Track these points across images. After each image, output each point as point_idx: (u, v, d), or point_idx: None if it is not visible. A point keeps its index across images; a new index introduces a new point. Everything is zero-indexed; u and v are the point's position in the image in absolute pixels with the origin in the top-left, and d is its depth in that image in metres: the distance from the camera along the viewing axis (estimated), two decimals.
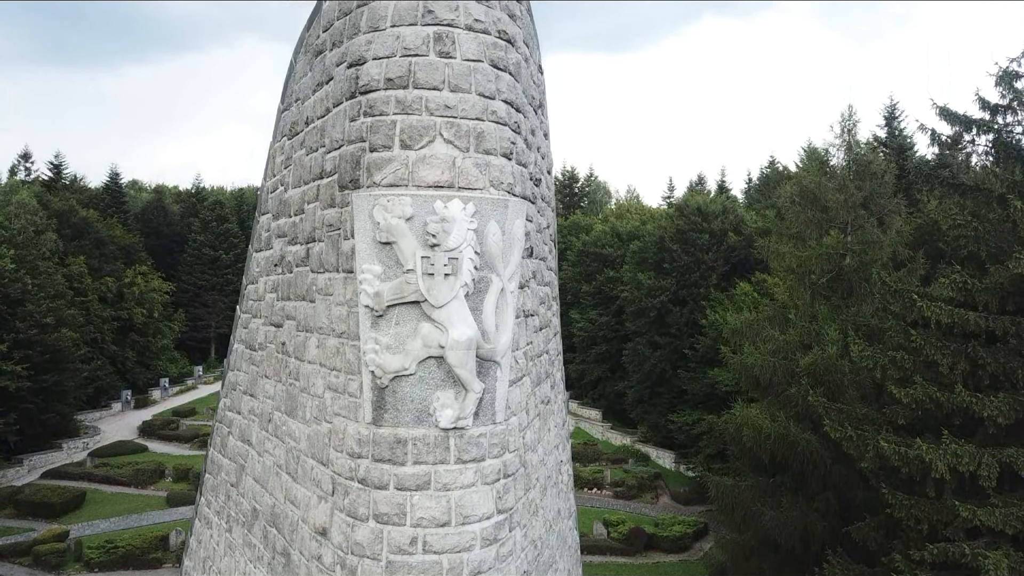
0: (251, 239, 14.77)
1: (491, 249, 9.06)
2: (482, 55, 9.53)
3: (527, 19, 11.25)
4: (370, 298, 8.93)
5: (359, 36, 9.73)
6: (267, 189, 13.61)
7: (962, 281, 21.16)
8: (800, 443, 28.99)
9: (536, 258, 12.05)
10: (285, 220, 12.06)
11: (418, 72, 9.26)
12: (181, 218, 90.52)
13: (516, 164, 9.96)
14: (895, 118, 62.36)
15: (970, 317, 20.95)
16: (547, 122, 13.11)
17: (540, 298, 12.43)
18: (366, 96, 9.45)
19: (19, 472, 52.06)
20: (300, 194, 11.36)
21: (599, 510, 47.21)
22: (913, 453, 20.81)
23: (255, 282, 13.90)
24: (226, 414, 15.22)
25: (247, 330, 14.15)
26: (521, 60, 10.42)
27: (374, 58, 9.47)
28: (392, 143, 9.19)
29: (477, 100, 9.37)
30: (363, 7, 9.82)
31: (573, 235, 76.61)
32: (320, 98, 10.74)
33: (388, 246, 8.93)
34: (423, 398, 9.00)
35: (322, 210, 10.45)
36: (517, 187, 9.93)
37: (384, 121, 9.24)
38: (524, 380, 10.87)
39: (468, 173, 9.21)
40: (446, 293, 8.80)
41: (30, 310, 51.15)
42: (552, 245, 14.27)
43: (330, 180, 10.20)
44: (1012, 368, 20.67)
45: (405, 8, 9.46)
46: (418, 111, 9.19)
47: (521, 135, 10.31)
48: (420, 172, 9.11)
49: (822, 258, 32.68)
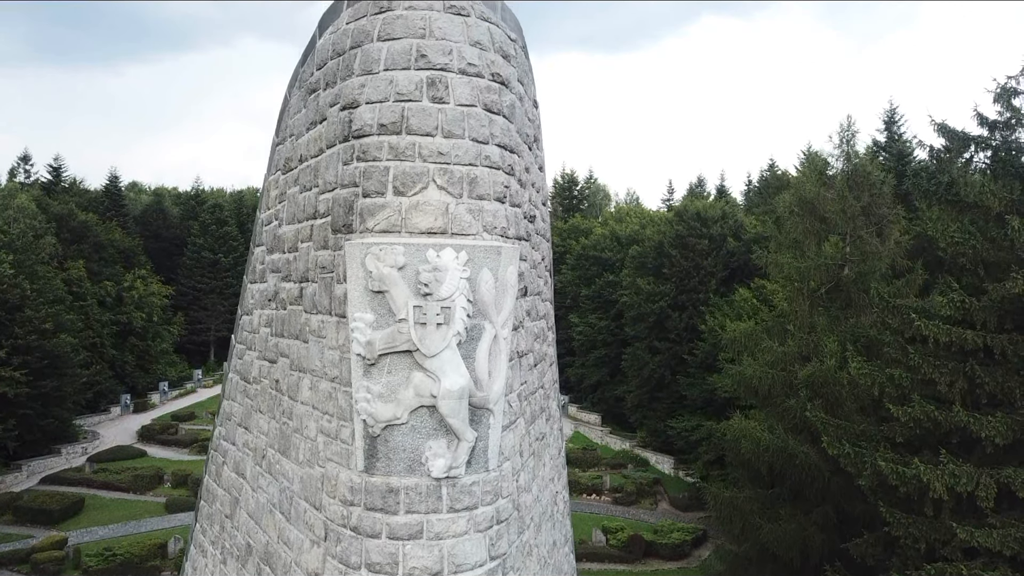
0: (247, 267, 14.74)
1: (484, 297, 9.02)
2: (476, 100, 9.48)
3: (521, 56, 11.20)
4: (362, 347, 8.90)
5: (352, 78, 9.69)
6: (261, 221, 13.57)
7: (960, 300, 21.13)
8: (799, 456, 28.99)
9: (530, 295, 12.01)
10: (279, 256, 12.02)
11: (411, 118, 9.21)
12: (180, 221, 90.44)
13: (510, 206, 9.92)
14: (894, 122, 62.31)
15: (968, 336, 20.94)
16: (542, 155, 13.07)
17: (535, 334, 12.39)
18: (359, 140, 9.40)
19: (18, 478, 51.99)
20: (294, 232, 11.32)
21: (598, 516, 47.20)
22: (911, 472, 20.81)
23: (250, 313, 13.86)
24: (220, 443, 15.19)
25: (242, 361, 14.12)
26: (515, 100, 10.37)
27: (367, 102, 9.43)
28: (385, 189, 9.15)
29: (470, 146, 9.33)
30: (356, 49, 9.77)
31: (572, 238, 76.56)
32: (314, 137, 10.69)
33: (380, 295, 8.88)
34: (415, 447, 8.97)
35: (315, 251, 10.40)
36: (511, 229, 9.89)
37: (377, 167, 9.20)
38: (518, 422, 10.84)
39: (461, 219, 9.17)
40: (438, 343, 8.76)
41: (29, 316, 51.05)
42: (548, 276, 14.24)
43: (324, 222, 10.16)
44: (1010, 388, 20.67)
45: (399, 52, 9.42)
46: (411, 157, 9.15)
47: (515, 176, 10.27)
48: (413, 219, 9.06)
49: (820, 269, 32.67)
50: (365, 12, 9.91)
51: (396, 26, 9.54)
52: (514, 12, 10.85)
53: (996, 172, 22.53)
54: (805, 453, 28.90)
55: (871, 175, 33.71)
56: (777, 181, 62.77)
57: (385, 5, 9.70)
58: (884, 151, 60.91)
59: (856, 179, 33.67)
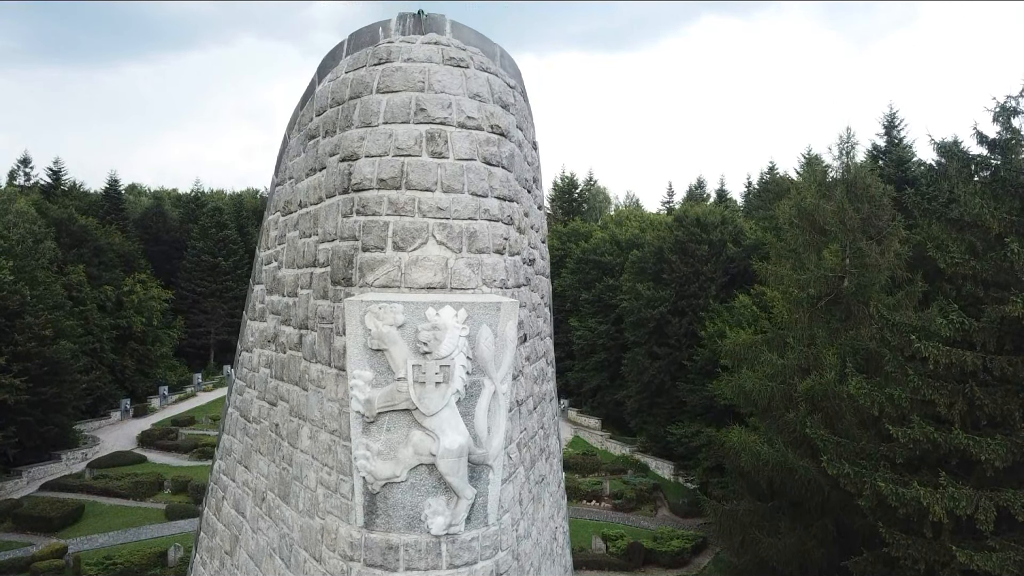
0: (246, 304, 14.73)
1: (483, 354, 9.02)
2: (475, 153, 9.48)
3: (521, 101, 11.19)
4: (361, 404, 8.90)
5: (352, 130, 9.68)
6: (261, 260, 13.56)
7: (960, 321, 21.12)
8: (798, 471, 28.98)
9: (530, 338, 12.01)
10: (279, 298, 12.01)
11: (411, 173, 9.21)
12: (180, 224, 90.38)
13: (508, 256, 9.93)
14: (894, 127, 62.23)
15: (967, 357, 20.92)
16: (541, 194, 13.06)
17: (534, 377, 12.39)
18: (359, 194, 9.40)
19: (18, 484, 51.98)
20: (294, 277, 11.32)
21: (598, 523, 47.18)
22: (911, 494, 20.81)
23: (250, 351, 13.85)
24: (221, 477, 15.20)
25: (242, 397, 14.12)
26: (514, 148, 10.37)
27: (367, 155, 9.42)
28: (385, 244, 9.15)
29: (470, 200, 9.33)
30: (356, 100, 9.76)
31: (572, 242, 76.53)
32: (313, 185, 10.69)
33: (379, 352, 8.88)
34: (414, 504, 8.98)
35: (315, 299, 10.41)
36: (510, 279, 9.89)
37: (377, 222, 9.20)
38: (518, 471, 10.85)
39: (460, 274, 9.17)
40: (437, 402, 8.77)
41: (29, 322, 51.00)
42: (547, 314, 14.22)
43: (323, 271, 10.16)
44: (1009, 410, 20.66)
45: (398, 105, 9.41)
46: (411, 212, 9.15)
47: (514, 224, 10.27)
48: (412, 274, 9.06)
49: (820, 280, 32.64)
50: (364, 62, 9.90)
51: (395, 78, 9.53)
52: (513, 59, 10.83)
53: (996, 192, 22.48)
54: (805, 467, 28.88)
55: (870, 187, 33.68)
56: (777, 186, 62.70)
57: (384, 56, 9.69)
58: (884, 156, 60.93)
59: (856, 191, 33.65)
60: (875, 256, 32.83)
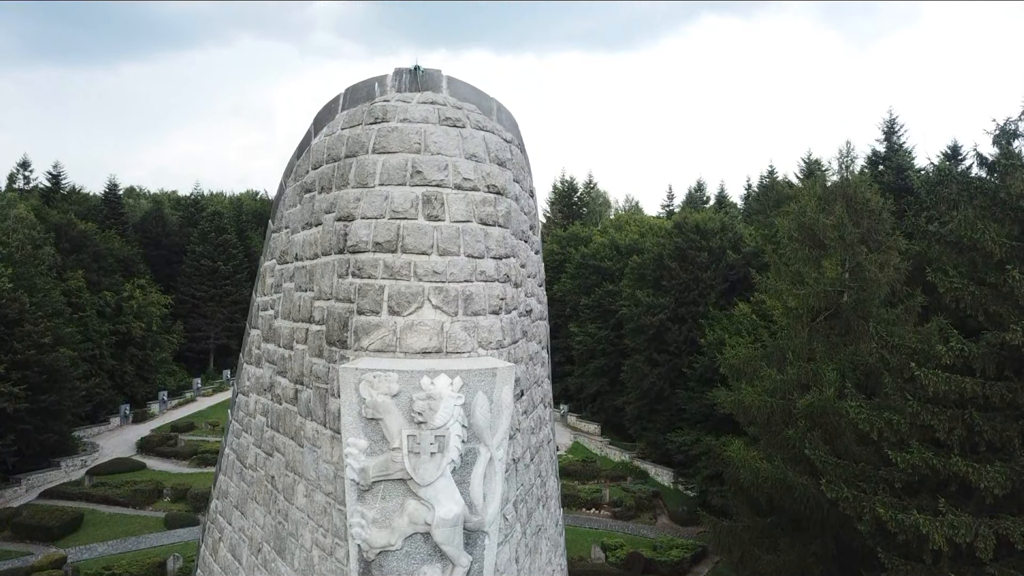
0: (242, 347, 14.68)
1: (479, 421, 8.96)
2: (471, 214, 9.42)
3: (518, 153, 11.13)
4: (356, 473, 8.85)
5: (348, 189, 9.62)
6: (257, 305, 13.51)
7: (960, 347, 21.07)
8: (797, 488, 28.93)
9: (528, 388, 11.95)
10: (274, 347, 11.97)
11: (407, 237, 9.16)
12: (180, 228, 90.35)
13: (505, 314, 9.88)
14: (894, 132, 62.17)
15: (967, 384, 20.87)
16: (538, 239, 13.00)
17: (531, 428, 12.34)
18: (355, 256, 9.35)
19: (17, 492, 51.97)
20: (289, 330, 11.27)
21: (597, 532, 47.20)
22: (910, 521, 20.77)
23: (246, 395, 13.81)
24: (217, 517, 15.15)
25: (238, 441, 14.07)
26: (511, 203, 10.31)
27: (363, 217, 9.37)
28: (380, 308, 9.10)
29: (465, 262, 9.28)
30: (352, 159, 9.71)
31: (572, 247, 76.49)
32: (309, 241, 10.63)
33: (374, 421, 8.83)
34: (410, 572, 8.93)
35: (311, 356, 10.36)
36: (507, 337, 9.84)
37: (372, 285, 9.15)
38: (514, 529, 10.81)
39: (456, 337, 9.13)
40: (432, 472, 8.72)
41: (28, 330, 50.97)
42: (545, 356, 14.16)
43: (319, 330, 10.11)
44: (1009, 436, 20.62)
45: (394, 167, 9.36)
46: (407, 276, 9.10)
47: (511, 282, 10.22)
48: (408, 339, 9.02)
49: (819, 295, 32.58)
50: (360, 120, 9.84)
51: (391, 139, 9.48)
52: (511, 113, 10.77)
53: (996, 216, 22.42)
54: (804, 486, 28.83)
55: (870, 201, 33.62)
56: (776, 193, 62.58)
57: (380, 116, 9.63)
58: (884, 162, 60.87)
59: (855, 205, 33.58)
60: (874, 271, 32.77)
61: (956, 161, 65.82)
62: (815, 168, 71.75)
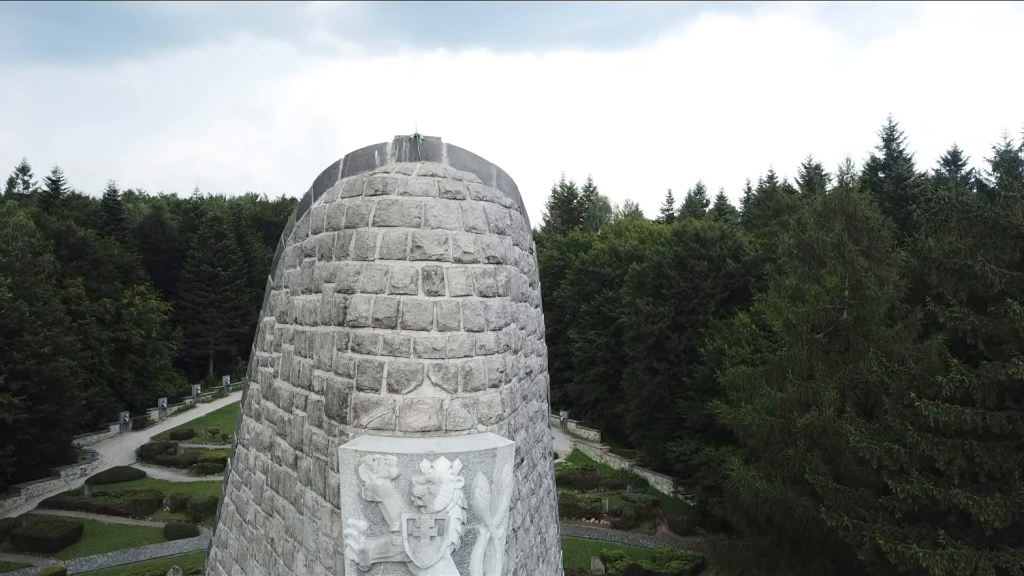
0: (242, 398, 14.65)
1: (479, 503, 8.95)
2: (471, 288, 9.39)
3: (517, 216, 11.11)
4: (355, 554, 8.84)
5: (348, 261, 9.59)
6: (257, 359, 13.49)
7: (959, 378, 21.05)
8: (797, 510, 28.92)
9: (528, 450, 11.92)
10: (274, 407, 11.95)
11: (407, 313, 9.13)
12: (179, 233, 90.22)
13: (505, 384, 9.85)
14: (893, 139, 62.08)
15: (967, 415, 20.85)
16: (537, 293, 12.95)
17: (531, 490, 12.32)
18: (354, 331, 9.33)
19: (16, 502, 51.88)
20: (289, 393, 11.25)
21: (597, 543, 47.16)
22: (910, 553, 20.76)
23: (247, 447, 13.77)
24: (217, 565, 15.13)
25: (238, 493, 14.05)
26: (511, 269, 10.29)
27: (363, 291, 9.35)
28: (379, 386, 9.08)
29: (465, 337, 9.25)
30: (352, 230, 9.68)
31: (572, 252, 76.40)
32: (309, 308, 10.60)
33: (374, 503, 8.81)
34: None
35: (310, 425, 10.35)
36: (507, 409, 9.82)
37: (372, 362, 9.13)
38: None
39: (456, 415, 9.11)
40: (432, 555, 8.70)
41: (28, 340, 50.85)
42: (546, 408, 14.10)
43: (318, 400, 10.09)
44: (1009, 468, 20.61)
45: (394, 241, 9.33)
46: (406, 353, 9.07)
47: (511, 349, 10.20)
48: (407, 418, 9.01)
49: (819, 313, 32.55)
50: (360, 191, 9.81)
51: (392, 212, 9.45)
52: (511, 178, 10.74)
53: (996, 244, 22.40)
54: (804, 507, 28.82)
55: (870, 219, 33.58)
56: (776, 202, 62.41)
57: (380, 188, 9.60)
58: (883, 169, 60.81)
59: (855, 223, 33.52)
60: (874, 288, 32.74)
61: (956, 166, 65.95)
62: (815, 174, 71.75)
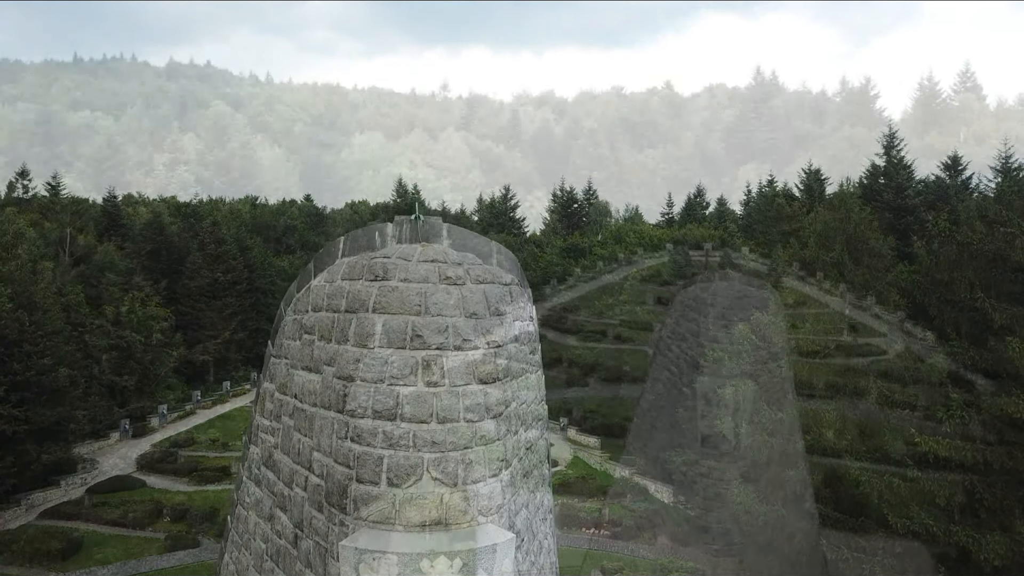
0: (242, 457, 14.61)
1: None
2: (471, 376, 9.35)
3: (517, 289, 11.05)
4: None
5: (348, 347, 9.54)
6: (257, 425, 13.43)
7: (961, 415, 21.05)
8: (797, 535, 28.94)
9: (529, 527, 11.86)
10: (274, 478, 11.91)
11: (406, 405, 9.09)
12: (179, 238, 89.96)
13: (506, 471, 9.81)
14: (893, 147, 62.04)
15: (967, 452, 20.85)
16: (538, 357, 12.87)
17: (531, 561, 12.27)
18: (354, 420, 9.29)
19: (16, 512, 51.66)
20: (289, 470, 11.21)
21: (597, 554, 47.07)
22: None
23: (247, 510, 13.70)
24: None
25: (238, 555, 14.00)
26: (511, 348, 10.24)
27: (362, 380, 9.30)
28: (379, 479, 9.04)
29: (465, 428, 9.21)
30: (352, 315, 9.63)
31: (572, 258, 76.50)
32: (309, 389, 10.56)
33: None
34: None
35: (311, 507, 10.31)
36: (507, 495, 9.78)
37: (371, 455, 9.09)
38: None
39: (455, 508, 9.07)
40: None
41: (27, 351, 50.71)
42: (547, 472, 13.99)
43: (318, 484, 10.05)
44: (1009, 505, 20.61)
45: (394, 329, 9.28)
46: (405, 447, 9.03)
47: (511, 432, 10.15)
48: (407, 512, 8.97)
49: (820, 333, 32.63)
50: (361, 275, 9.76)
51: (392, 299, 9.39)
52: (510, 252, 10.69)
53: (996, 277, 22.38)
54: (804, 532, 28.84)
55: (870, 240, 33.64)
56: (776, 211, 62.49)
57: (381, 273, 9.55)
58: (883, 176, 60.77)
59: (856, 243, 33.59)
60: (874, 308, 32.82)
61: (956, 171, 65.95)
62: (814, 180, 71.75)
